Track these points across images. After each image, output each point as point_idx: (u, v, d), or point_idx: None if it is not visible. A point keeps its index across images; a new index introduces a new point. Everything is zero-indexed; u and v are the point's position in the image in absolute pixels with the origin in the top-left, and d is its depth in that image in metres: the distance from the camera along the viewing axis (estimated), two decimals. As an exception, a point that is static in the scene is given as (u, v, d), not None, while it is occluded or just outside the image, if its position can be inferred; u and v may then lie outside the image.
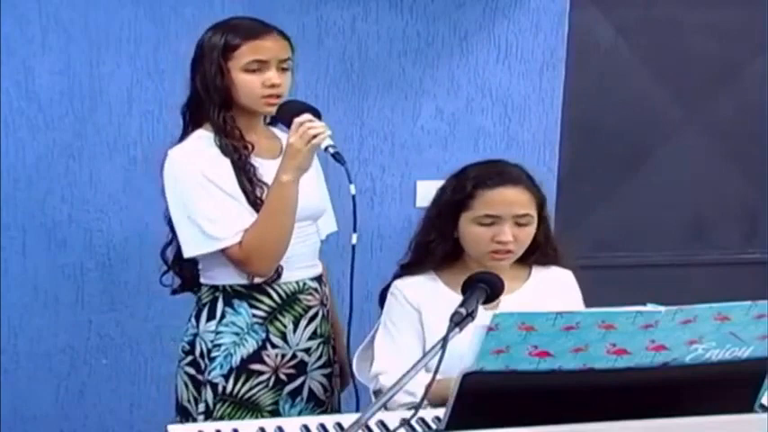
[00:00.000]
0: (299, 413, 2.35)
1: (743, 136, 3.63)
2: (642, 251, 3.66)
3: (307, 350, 2.37)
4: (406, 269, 2.35)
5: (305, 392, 2.38)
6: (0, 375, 3.05)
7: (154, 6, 2.93)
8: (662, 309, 1.61)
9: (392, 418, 1.87)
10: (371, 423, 1.88)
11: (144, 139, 3.00)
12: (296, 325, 2.35)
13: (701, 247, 3.71)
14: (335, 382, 2.47)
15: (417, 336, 2.23)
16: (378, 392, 2.14)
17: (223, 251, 2.24)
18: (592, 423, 1.65)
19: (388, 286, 2.37)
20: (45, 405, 3.11)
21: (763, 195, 3.68)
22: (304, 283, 2.37)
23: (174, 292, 2.44)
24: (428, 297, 2.26)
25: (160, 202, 2.36)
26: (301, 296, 2.36)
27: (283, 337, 2.33)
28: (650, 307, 1.62)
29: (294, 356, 2.35)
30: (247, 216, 2.25)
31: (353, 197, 2.21)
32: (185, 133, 2.34)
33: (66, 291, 3.05)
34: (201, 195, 2.23)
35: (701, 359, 1.69)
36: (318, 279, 2.43)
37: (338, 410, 2.50)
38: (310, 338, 2.38)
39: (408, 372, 1.64)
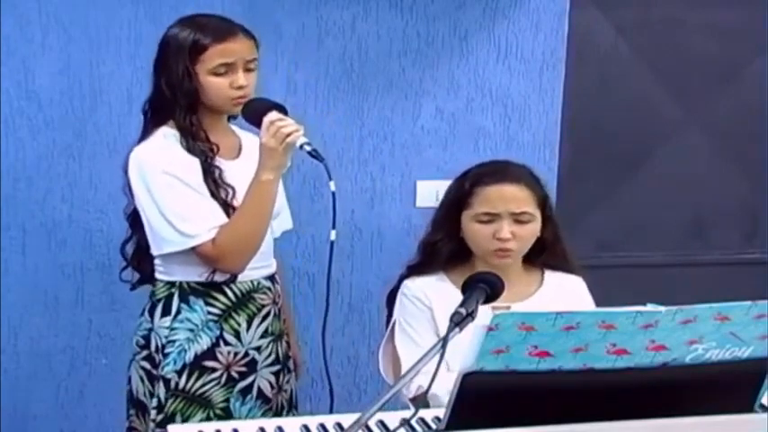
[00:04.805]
0: (249, 410, 2.38)
1: (743, 136, 3.62)
2: (642, 251, 3.66)
3: (258, 348, 2.40)
4: (414, 270, 2.35)
5: (254, 390, 2.40)
6: (0, 375, 3.05)
7: (154, 6, 2.93)
8: (662, 309, 1.61)
9: (392, 419, 1.87)
10: (371, 423, 1.88)
11: (144, 139, 3.00)
12: (249, 323, 2.37)
13: (700, 247, 3.71)
14: (282, 380, 2.48)
15: (435, 332, 2.23)
16: (414, 399, 2.15)
17: (194, 248, 2.26)
18: (592, 423, 1.65)
19: (396, 288, 2.37)
20: (45, 405, 3.11)
21: (763, 195, 3.68)
22: (258, 283, 2.39)
23: (133, 287, 2.47)
24: (438, 296, 2.26)
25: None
26: (255, 295, 2.39)
27: (237, 335, 2.35)
28: (650, 307, 1.62)
29: (246, 354, 2.37)
30: (219, 213, 2.27)
31: (333, 194, 2.20)
32: (147, 131, 2.35)
33: (66, 291, 3.05)
34: (172, 194, 2.25)
35: (701, 359, 1.68)
36: (271, 278, 2.45)
37: (292, 407, 2.53)
38: (262, 337, 2.40)
39: (407, 372, 1.65)
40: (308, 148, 2.20)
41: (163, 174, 2.25)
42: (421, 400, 1.86)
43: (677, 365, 1.68)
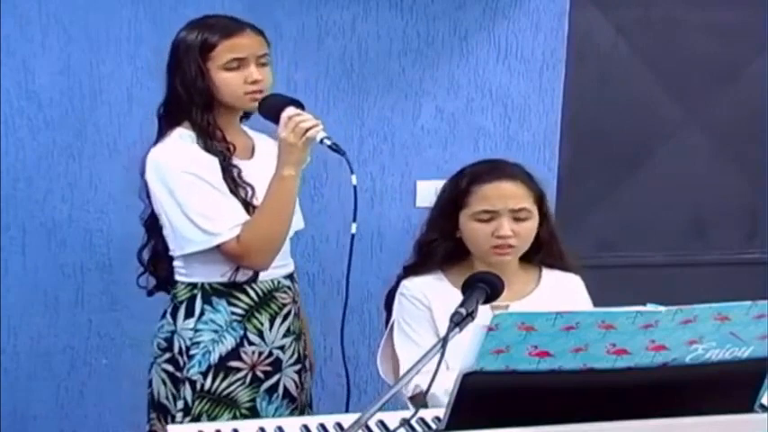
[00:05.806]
0: (276, 410, 2.38)
1: (743, 136, 3.62)
2: (642, 251, 3.66)
3: (281, 347, 2.40)
4: (411, 270, 2.35)
5: (280, 389, 2.40)
6: (0, 375, 3.05)
7: (154, 6, 2.93)
8: (662, 309, 1.61)
9: (392, 419, 1.87)
10: (371, 423, 1.88)
11: (144, 140, 2.97)
12: (272, 323, 2.37)
13: (700, 247, 3.71)
14: (304, 378, 2.49)
15: (435, 332, 2.23)
16: (413, 398, 2.15)
17: (219, 246, 2.25)
18: (592, 423, 1.65)
19: (394, 289, 2.37)
20: (45, 405, 3.11)
21: (763, 195, 3.68)
22: (279, 282, 2.40)
23: (150, 293, 2.47)
24: (436, 296, 2.26)
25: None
26: (277, 294, 2.39)
27: (260, 334, 2.36)
28: (650, 307, 1.62)
29: (270, 354, 2.38)
30: (240, 211, 2.27)
31: (354, 187, 2.20)
32: (162, 134, 2.35)
33: (66, 291, 3.05)
34: (194, 192, 2.25)
35: (700, 359, 1.69)
36: (290, 277, 2.45)
37: (310, 406, 2.54)
38: (285, 336, 2.41)
39: (407, 372, 1.65)
40: (328, 142, 2.20)
41: (183, 173, 2.24)
42: (420, 400, 1.86)
43: (677, 365, 1.68)
